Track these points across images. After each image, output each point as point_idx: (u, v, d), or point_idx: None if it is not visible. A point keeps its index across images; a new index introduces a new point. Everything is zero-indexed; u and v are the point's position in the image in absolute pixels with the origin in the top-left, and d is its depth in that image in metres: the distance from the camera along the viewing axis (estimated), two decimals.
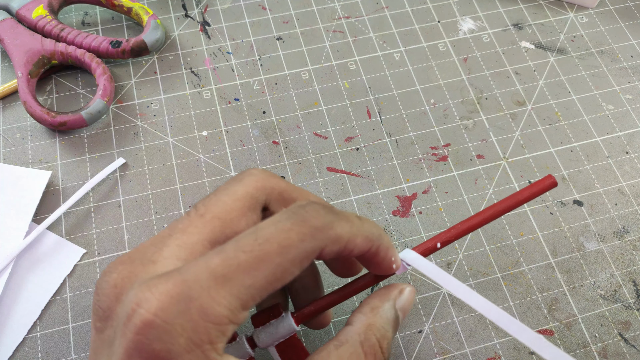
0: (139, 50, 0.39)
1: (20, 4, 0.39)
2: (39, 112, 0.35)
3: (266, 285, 0.19)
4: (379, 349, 0.22)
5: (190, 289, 0.18)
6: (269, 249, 0.19)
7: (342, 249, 0.21)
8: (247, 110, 0.38)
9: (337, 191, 0.35)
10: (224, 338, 0.18)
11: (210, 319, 0.18)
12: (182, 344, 0.17)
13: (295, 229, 0.19)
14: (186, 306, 0.18)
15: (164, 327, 0.17)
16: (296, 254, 0.19)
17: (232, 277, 0.18)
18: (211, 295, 0.18)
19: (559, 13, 0.44)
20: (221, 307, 0.18)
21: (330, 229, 0.20)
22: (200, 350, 0.18)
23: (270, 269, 0.19)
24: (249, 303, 0.19)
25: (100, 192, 0.35)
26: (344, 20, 0.43)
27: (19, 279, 0.32)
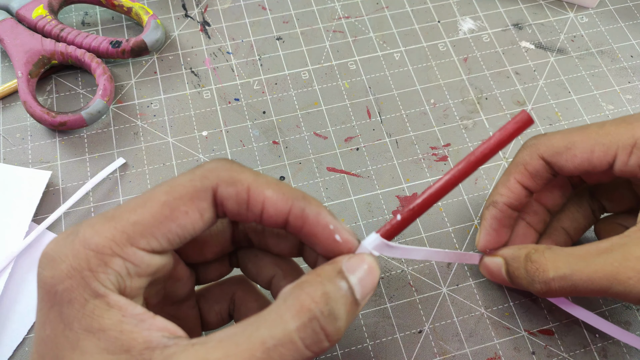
0: (139, 50, 0.39)
1: (20, 4, 0.39)
2: (39, 112, 0.35)
3: (153, 222, 0.19)
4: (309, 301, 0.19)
5: (80, 226, 0.20)
6: (157, 190, 0.20)
7: (243, 194, 0.20)
8: (247, 110, 0.38)
9: (337, 191, 0.35)
10: (107, 269, 0.19)
11: (90, 246, 0.19)
12: (64, 269, 0.19)
13: (188, 174, 0.21)
14: (72, 239, 0.19)
15: (51, 256, 0.19)
16: (184, 191, 0.20)
17: (118, 215, 0.20)
18: (95, 229, 0.19)
19: (559, 13, 0.44)
20: (101, 238, 0.19)
21: (225, 171, 0.21)
22: (80, 275, 0.19)
23: (156, 206, 0.20)
24: (140, 240, 0.19)
25: (100, 192, 0.35)
26: (344, 20, 0.43)
27: (19, 279, 0.32)
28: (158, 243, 0.20)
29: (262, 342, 0.18)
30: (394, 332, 0.31)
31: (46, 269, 0.19)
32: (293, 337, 0.18)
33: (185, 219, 0.20)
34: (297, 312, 0.18)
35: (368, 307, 0.31)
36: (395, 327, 0.31)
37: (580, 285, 0.24)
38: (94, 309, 0.18)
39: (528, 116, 0.22)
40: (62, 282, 0.19)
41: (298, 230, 0.21)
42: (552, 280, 0.25)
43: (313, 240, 0.21)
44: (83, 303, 0.18)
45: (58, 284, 0.19)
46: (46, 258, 0.19)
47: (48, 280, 0.19)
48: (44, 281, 0.19)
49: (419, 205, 0.22)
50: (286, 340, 0.18)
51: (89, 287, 0.18)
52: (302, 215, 0.21)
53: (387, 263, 0.33)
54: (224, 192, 0.20)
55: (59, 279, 0.19)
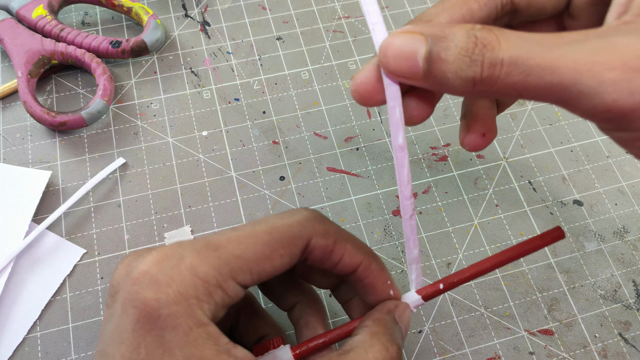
0: (139, 50, 0.39)
1: (20, 4, 0.39)
2: (39, 112, 0.35)
3: (254, 259, 0.20)
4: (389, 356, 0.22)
5: (183, 249, 0.20)
6: (259, 228, 0.21)
7: (330, 246, 0.22)
8: (247, 110, 0.38)
9: (337, 191, 0.35)
10: (210, 299, 0.19)
11: (198, 275, 0.19)
12: (171, 294, 0.19)
13: (286, 218, 0.22)
14: (177, 262, 0.19)
15: (155, 277, 0.19)
16: (284, 235, 0.21)
17: (222, 246, 0.20)
18: (201, 256, 0.19)
19: None
20: (209, 267, 0.19)
21: (319, 223, 0.22)
22: (187, 303, 0.19)
23: (258, 244, 0.21)
24: (239, 275, 0.20)
25: (100, 192, 0.35)
26: (344, 20, 0.43)
27: (19, 279, 0.32)
28: (251, 279, 0.20)
29: None
30: None
31: (148, 291, 0.19)
32: None
33: (279, 260, 0.21)
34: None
35: None
36: None
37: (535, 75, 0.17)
38: (197, 337, 0.19)
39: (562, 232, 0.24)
40: (168, 306, 0.18)
41: (361, 279, 0.24)
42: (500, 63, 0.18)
43: (368, 290, 0.24)
44: (187, 331, 0.18)
45: (163, 307, 0.18)
46: (147, 278, 0.19)
47: (151, 302, 0.18)
48: (144, 302, 0.18)
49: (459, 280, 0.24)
50: None
51: (194, 316, 0.19)
52: (369, 269, 0.24)
53: (387, 263, 0.33)
54: (317, 242, 0.22)
55: (164, 303, 0.18)
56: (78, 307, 0.31)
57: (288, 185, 0.35)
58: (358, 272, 0.24)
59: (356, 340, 0.22)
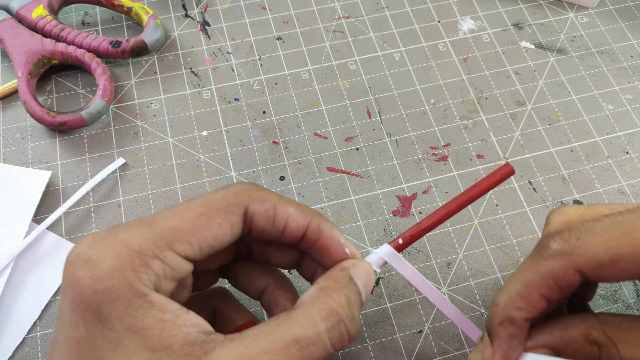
0: (139, 50, 0.39)
1: (20, 4, 0.39)
2: (39, 112, 0.35)
3: (191, 230, 0.20)
4: (335, 305, 0.21)
5: (115, 229, 0.20)
6: (193, 202, 0.22)
7: (270, 211, 0.22)
8: (247, 110, 0.38)
9: (337, 191, 0.35)
10: (149, 270, 0.19)
11: (132, 248, 0.19)
12: (105, 269, 0.19)
13: (221, 191, 0.22)
14: (111, 240, 0.20)
15: (88, 256, 0.19)
16: (219, 205, 0.21)
17: (156, 221, 0.21)
18: (135, 231, 0.20)
19: (559, 13, 0.44)
20: (142, 240, 0.20)
21: (255, 191, 0.23)
22: (123, 275, 0.19)
23: (193, 215, 0.21)
24: (177, 246, 0.20)
25: (100, 192, 0.35)
26: (344, 20, 0.43)
27: (19, 279, 0.32)
28: (192, 250, 0.21)
29: (296, 340, 0.20)
30: (394, 332, 0.31)
31: (82, 269, 0.19)
32: (323, 337, 0.20)
33: (218, 230, 0.21)
34: (327, 316, 0.21)
35: (368, 307, 0.31)
36: (395, 327, 0.31)
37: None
38: (138, 308, 0.19)
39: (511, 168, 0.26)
40: (103, 281, 0.19)
41: (312, 243, 0.24)
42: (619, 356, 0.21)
43: (324, 253, 0.24)
44: (126, 303, 0.19)
45: (97, 283, 0.19)
46: (81, 258, 0.19)
47: (85, 280, 0.19)
48: (78, 281, 0.19)
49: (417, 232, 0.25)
50: (317, 339, 0.20)
51: (132, 287, 0.19)
52: (318, 230, 0.23)
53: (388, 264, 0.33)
54: (255, 209, 0.22)
55: (98, 279, 0.19)
56: None
57: (288, 185, 0.35)
58: (307, 235, 0.23)
59: (304, 296, 0.22)
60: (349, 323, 0.21)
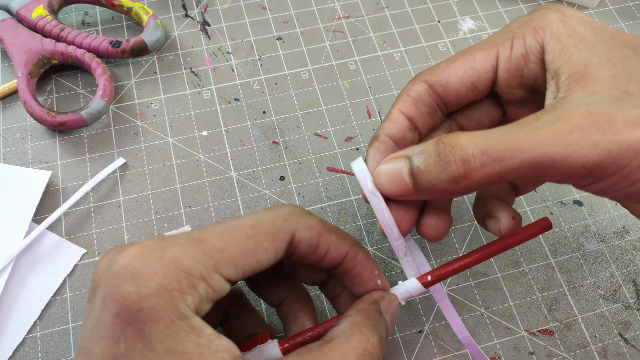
0: (139, 50, 0.39)
1: (21, 4, 0.39)
2: (39, 112, 0.35)
3: (239, 253, 0.20)
4: (369, 346, 0.21)
5: (165, 243, 0.20)
6: (242, 223, 0.21)
7: (315, 239, 0.23)
8: (247, 110, 0.38)
9: (337, 191, 0.35)
10: (194, 292, 0.19)
11: (181, 267, 0.19)
12: (152, 287, 0.18)
13: (270, 213, 0.22)
14: (160, 255, 0.19)
15: (137, 271, 0.18)
16: (268, 229, 0.21)
17: (205, 239, 0.20)
18: (184, 249, 0.19)
19: None
20: (192, 260, 0.19)
21: (302, 216, 0.23)
22: (169, 295, 0.18)
23: (242, 238, 0.21)
24: (224, 268, 0.20)
25: (100, 192, 0.35)
26: (344, 20, 0.43)
27: (19, 279, 0.32)
28: (236, 273, 0.20)
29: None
30: (394, 332, 0.31)
31: (129, 283, 0.18)
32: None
33: (263, 255, 0.21)
34: (361, 356, 0.21)
35: None
36: (395, 327, 0.31)
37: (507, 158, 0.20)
38: (179, 330, 0.18)
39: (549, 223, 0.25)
40: (149, 300, 0.18)
41: (347, 271, 0.24)
42: (472, 157, 0.20)
43: (356, 281, 0.24)
44: (169, 324, 0.18)
45: (144, 301, 0.18)
46: (128, 271, 0.19)
47: (131, 295, 0.18)
48: (124, 296, 0.18)
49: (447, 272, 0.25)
50: None
51: (176, 308, 0.18)
52: (355, 259, 0.24)
53: (387, 263, 0.33)
54: (302, 236, 0.22)
55: (145, 296, 0.18)
56: (78, 307, 0.31)
57: (288, 185, 0.35)
58: (344, 263, 0.24)
59: (337, 330, 0.22)
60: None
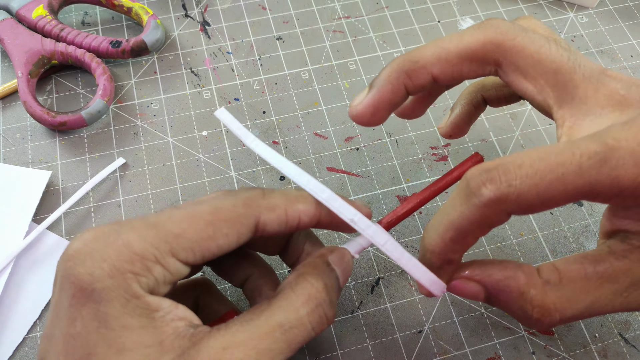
0: (139, 50, 0.39)
1: (20, 4, 0.39)
2: (39, 112, 0.35)
3: (196, 239, 0.21)
4: (313, 291, 0.22)
5: (120, 227, 0.20)
6: (201, 209, 0.21)
7: (282, 216, 0.23)
8: (247, 110, 0.38)
9: (337, 191, 0.35)
10: (148, 274, 0.20)
11: (134, 250, 0.19)
12: (105, 268, 0.19)
13: (230, 198, 0.22)
14: (114, 239, 0.19)
15: (89, 253, 0.19)
16: (228, 215, 0.21)
17: (161, 224, 0.20)
18: (138, 233, 0.20)
19: (559, 13, 0.44)
20: (146, 243, 0.20)
21: (264, 199, 0.23)
22: (123, 277, 0.19)
23: (200, 224, 0.21)
24: (180, 253, 0.20)
25: (100, 192, 0.35)
26: (344, 20, 0.43)
27: (19, 279, 0.32)
28: (194, 258, 0.21)
29: (280, 325, 0.21)
30: (393, 332, 0.31)
31: (82, 265, 0.19)
32: (304, 321, 0.21)
33: (224, 240, 0.21)
34: (306, 300, 0.22)
35: (368, 307, 0.31)
36: (395, 327, 0.31)
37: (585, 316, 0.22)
38: (134, 308, 0.19)
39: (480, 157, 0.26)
40: (102, 280, 0.19)
41: (327, 225, 0.25)
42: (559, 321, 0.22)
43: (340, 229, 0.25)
44: (124, 303, 0.19)
45: (97, 282, 0.19)
46: (81, 254, 0.19)
47: (84, 277, 0.19)
48: (77, 277, 0.19)
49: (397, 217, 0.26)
50: (299, 323, 0.21)
51: (130, 289, 0.19)
52: (330, 216, 0.24)
53: (388, 263, 0.33)
54: (267, 218, 0.22)
55: (99, 277, 0.19)
56: None
57: (288, 185, 0.35)
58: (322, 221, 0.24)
59: (284, 283, 0.23)
60: (327, 307, 0.22)
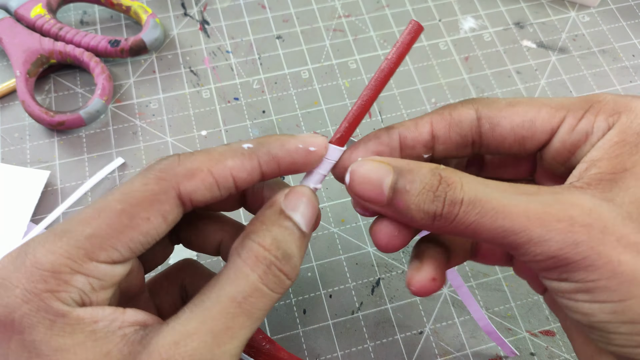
0: (138, 49, 0.38)
1: (19, 3, 0.38)
2: (37, 111, 0.35)
3: (112, 233, 0.18)
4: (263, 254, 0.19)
5: (27, 246, 0.18)
6: (110, 199, 0.19)
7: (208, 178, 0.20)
8: (247, 109, 0.38)
9: (337, 191, 0.35)
10: (69, 287, 0.18)
11: (45, 267, 0.18)
12: (18, 294, 0.17)
13: (139, 178, 0.19)
14: (22, 261, 0.18)
15: (2, 283, 0.18)
16: (140, 197, 0.19)
17: (70, 230, 0.18)
18: (46, 247, 0.18)
19: (561, 12, 0.43)
20: (56, 256, 0.18)
21: (180, 165, 0.20)
22: (39, 298, 0.17)
23: (111, 216, 0.18)
24: (99, 254, 0.18)
25: (99, 192, 0.35)
26: (344, 19, 0.42)
27: None
28: (120, 254, 0.19)
29: (232, 298, 0.18)
30: (394, 333, 0.31)
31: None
32: (258, 286, 0.19)
33: (147, 225, 0.19)
34: (254, 263, 0.19)
35: (368, 308, 0.31)
36: (396, 328, 0.31)
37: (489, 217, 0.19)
38: (63, 327, 0.18)
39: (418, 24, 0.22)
40: (19, 308, 0.17)
41: (276, 173, 0.21)
42: (460, 202, 0.19)
43: (294, 167, 0.22)
44: (49, 325, 0.17)
45: (14, 311, 0.17)
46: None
47: (1, 310, 0.17)
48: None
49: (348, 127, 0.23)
50: (252, 290, 0.19)
51: (51, 309, 0.17)
52: (272, 159, 0.21)
53: (388, 263, 0.33)
54: (189, 186, 0.19)
55: (13, 306, 0.17)
56: None
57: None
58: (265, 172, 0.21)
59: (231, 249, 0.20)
60: (281, 263, 0.19)
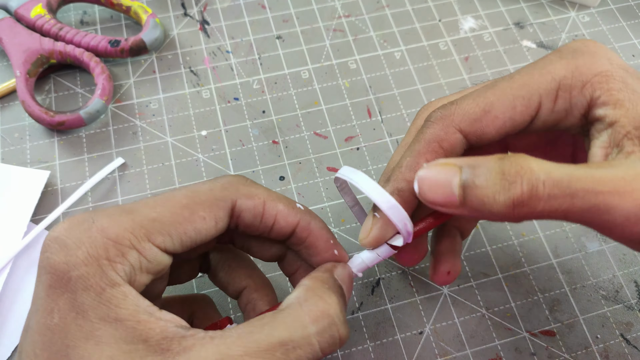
0: (138, 49, 0.38)
1: (19, 3, 0.38)
2: (37, 111, 0.35)
3: (172, 221, 0.20)
4: (327, 307, 0.20)
5: (94, 214, 0.20)
6: (177, 193, 0.21)
7: (259, 207, 0.22)
8: (247, 109, 0.38)
9: (337, 191, 0.35)
10: (124, 260, 0.19)
11: (109, 236, 0.19)
12: (80, 255, 0.18)
13: (208, 183, 0.22)
14: (88, 226, 0.19)
15: (64, 242, 0.19)
16: (205, 198, 0.21)
17: (137, 210, 0.20)
18: (113, 219, 0.19)
19: (561, 12, 0.43)
20: (120, 229, 0.19)
21: (243, 185, 0.22)
22: (97, 263, 0.18)
23: (176, 207, 0.20)
24: (157, 237, 0.20)
25: (99, 192, 0.35)
26: (344, 19, 0.42)
27: (17, 279, 0.31)
28: (172, 243, 0.20)
29: (282, 343, 0.19)
30: (394, 333, 0.31)
31: (57, 254, 0.18)
32: (312, 340, 0.19)
33: (201, 223, 0.21)
34: (318, 318, 0.20)
35: (369, 308, 0.31)
36: (396, 328, 0.31)
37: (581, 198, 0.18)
38: (111, 297, 0.18)
39: None
40: (78, 268, 0.18)
41: (301, 241, 0.24)
42: (541, 185, 0.18)
43: (312, 251, 0.24)
44: (100, 291, 0.18)
45: (72, 270, 0.18)
46: (57, 242, 0.19)
47: (60, 265, 0.18)
48: (54, 266, 0.18)
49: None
50: (305, 342, 0.19)
51: (105, 276, 0.18)
52: (307, 229, 0.23)
53: (388, 264, 0.33)
54: (243, 204, 0.22)
55: (74, 265, 0.18)
56: None
57: (288, 185, 0.35)
58: (297, 233, 0.23)
59: (290, 297, 0.21)
60: (341, 326, 0.20)
